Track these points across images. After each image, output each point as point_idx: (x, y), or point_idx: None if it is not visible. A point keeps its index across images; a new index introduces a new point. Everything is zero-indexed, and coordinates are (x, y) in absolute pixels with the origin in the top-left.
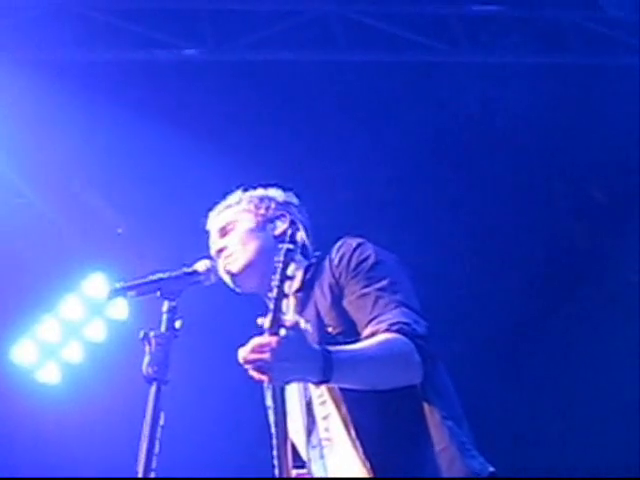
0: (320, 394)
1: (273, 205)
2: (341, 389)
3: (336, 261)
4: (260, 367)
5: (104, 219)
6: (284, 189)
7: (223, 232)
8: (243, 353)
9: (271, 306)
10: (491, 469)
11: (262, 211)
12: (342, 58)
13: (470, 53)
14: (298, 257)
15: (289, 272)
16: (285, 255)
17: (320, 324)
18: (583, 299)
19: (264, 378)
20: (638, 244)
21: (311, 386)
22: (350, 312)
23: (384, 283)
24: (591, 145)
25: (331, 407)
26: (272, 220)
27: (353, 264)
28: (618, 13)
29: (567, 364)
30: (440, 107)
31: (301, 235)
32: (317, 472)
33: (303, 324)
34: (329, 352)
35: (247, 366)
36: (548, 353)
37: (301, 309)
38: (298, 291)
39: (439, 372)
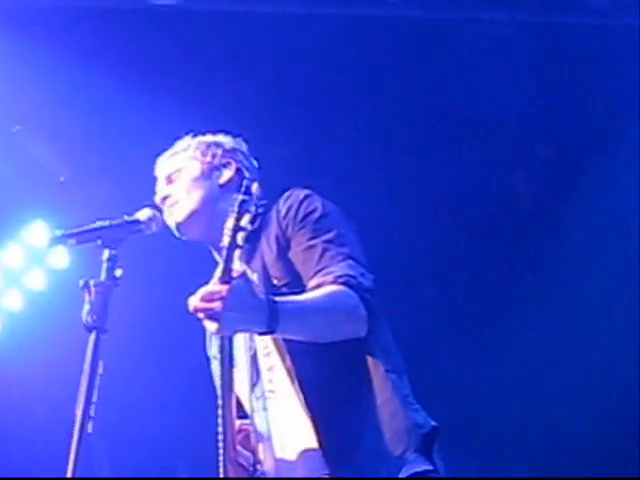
0: (265, 345)
1: (220, 152)
2: (286, 340)
3: (283, 212)
4: (210, 316)
5: (46, 167)
6: (234, 135)
7: (169, 180)
8: (193, 301)
9: (222, 256)
10: (433, 423)
11: (208, 158)
12: (323, 11)
13: (436, 9)
14: (252, 208)
15: (242, 223)
16: (239, 206)
17: (266, 275)
18: (530, 261)
19: (213, 327)
20: (585, 201)
21: (257, 337)
22: (296, 264)
23: (331, 235)
24: (562, 103)
25: (275, 358)
26: (218, 168)
27: (300, 215)
28: None
29: (512, 326)
30: (408, 64)
31: (256, 186)
32: (260, 424)
33: (250, 274)
34: (275, 302)
35: (198, 315)
36: (494, 315)
37: (247, 260)
38: (245, 241)
39: (383, 326)
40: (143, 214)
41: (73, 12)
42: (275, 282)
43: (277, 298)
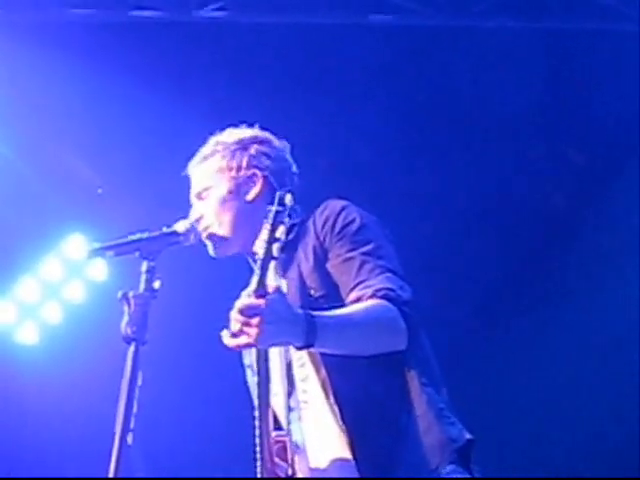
0: (300, 356)
1: (245, 160)
2: (321, 353)
3: (320, 223)
4: (247, 329)
5: (84, 179)
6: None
7: (199, 197)
8: (233, 315)
9: (258, 269)
10: (468, 436)
11: (234, 173)
12: (321, 21)
13: (452, 17)
14: (287, 220)
15: (277, 235)
16: (274, 218)
17: (302, 286)
18: (555, 264)
19: (250, 341)
20: (613, 206)
21: (291, 348)
22: (334, 276)
23: (369, 247)
24: (569, 109)
25: (310, 369)
26: (246, 183)
27: (338, 227)
28: None
29: (547, 329)
30: (421, 71)
31: (289, 197)
32: (295, 434)
33: (285, 288)
34: (312, 317)
35: (232, 328)
36: (526, 320)
37: (284, 270)
38: (281, 251)
39: (421, 338)
40: (181, 226)
41: (109, 26)
42: (312, 292)
43: (315, 312)
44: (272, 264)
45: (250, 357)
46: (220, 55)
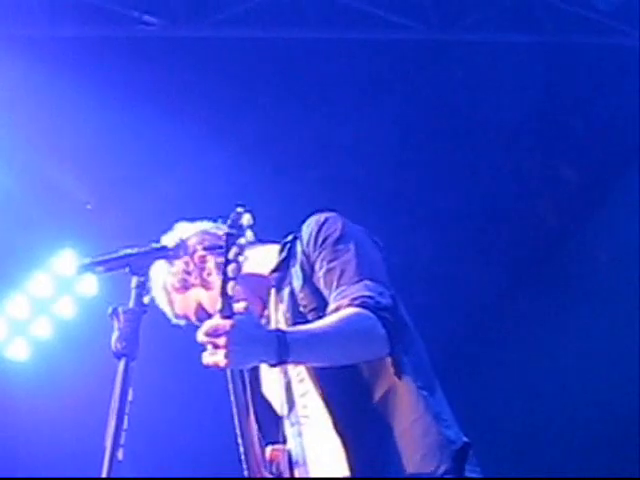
0: (298, 372)
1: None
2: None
3: (306, 238)
4: (214, 351)
5: (73, 195)
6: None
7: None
8: (199, 336)
9: (219, 290)
10: (465, 439)
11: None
12: (313, 35)
13: (443, 31)
14: (244, 240)
15: (230, 256)
16: (227, 240)
17: (294, 303)
18: (552, 278)
19: (219, 362)
20: (607, 223)
21: (289, 366)
22: (320, 288)
23: (348, 256)
24: (564, 124)
25: (309, 384)
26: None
27: (320, 239)
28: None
29: (535, 341)
30: (414, 86)
31: (247, 218)
32: (294, 449)
33: (282, 309)
34: (283, 333)
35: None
36: (516, 331)
37: (278, 288)
38: (275, 271)
39: (414, 343)
40: (170, 241)
41: (100, 41)
42: (302, 309)
43: (287, 329)
44: (231, 285)
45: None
46: (212, 70)
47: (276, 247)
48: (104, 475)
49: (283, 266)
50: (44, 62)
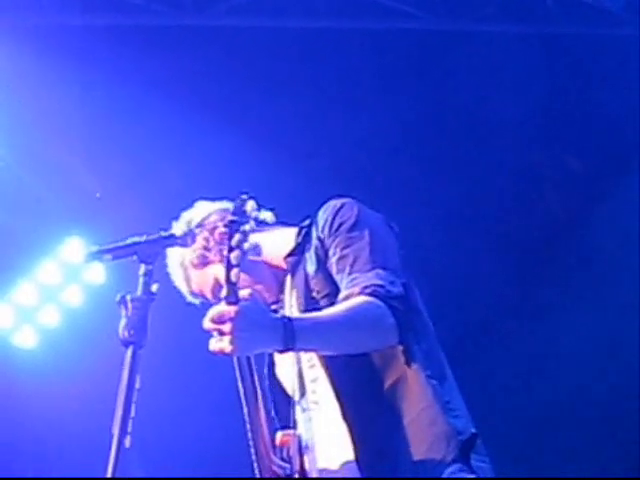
0: (309, 358)
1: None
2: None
3: (321, 224)
4: (220, 337)
5: (82, 183)
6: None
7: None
8: (205, 323)
9: (223, 277)
10: (473, 430)
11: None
12: (321, 25)
13: (451, 22)
14: (248, 227)
15: (233, 243)
16: (230, 227)
17: (307, 288)
18: (557, 269)
19: (225, 349)
20: (614, 211)
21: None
22: (332, 275)
23: (362, 243)
24: (570, 115)
25: (320, 371)
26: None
27: (335, 225)
28: None
29: (539, 331)
30: (420, 76)
31: (251, 205)
32: (304, 434)
33: (295, 295)
34: (290, 320)
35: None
36: (520, 321)
37: (292, 273)
38: (289, 256)
39: (425, 330)
40: (179, 229)
41: (109, 30)
42: (314, 295)
43: (295, 316)
44: (234, 271)
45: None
46: (221, 59)
47: (293, 231)
48: (111, 463)
49: (298, 251)
50: (53, 51)
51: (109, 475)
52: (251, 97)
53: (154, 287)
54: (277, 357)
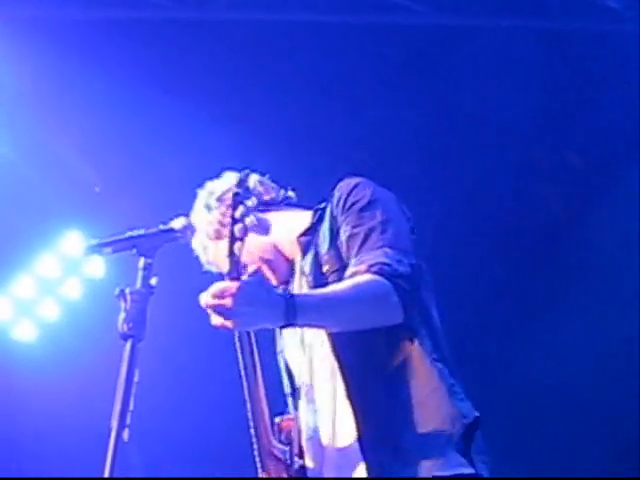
0: (320, 335)
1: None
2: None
3: (334, 201)
4: (221, 313)
5: (82, 177)
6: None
7: None
8: (204, 298)
9: (227, 251)
10: (476, 414)
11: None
12: (322, 19)
13: (453, 17)
14: (250, 202)
15: (237, 215)
16: (233, 199)
17: (317, 264)
18: (557, 266)
19: (227, 324)
20: (613, 211)
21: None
22: (342, 252)
23: (375, 222)
24: (571, 111)
25: (328, 349)
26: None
27: (349, 203)
28: None
29: (538, 329)
30: (422, 71)
31: (254, 180)
32: (305, 413)
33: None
34: (292, 296)
35: (209, 311)
36: (519, 318)
37: (304, 253)
38: (303, 235)
39: (431, 315)
40: (178, 223)
41: (109, 23)
42: (324, 271)
43: (297, 292)
44: (238, 245)
45: (281, 342)
46: (222, 54)
47: (309, 213)
48: (110, 456)
49: (312, 230)
50: (53, 44)
51: (107, 468)
52: (252, 91)
53: (153, 280)
54: (287, 333)
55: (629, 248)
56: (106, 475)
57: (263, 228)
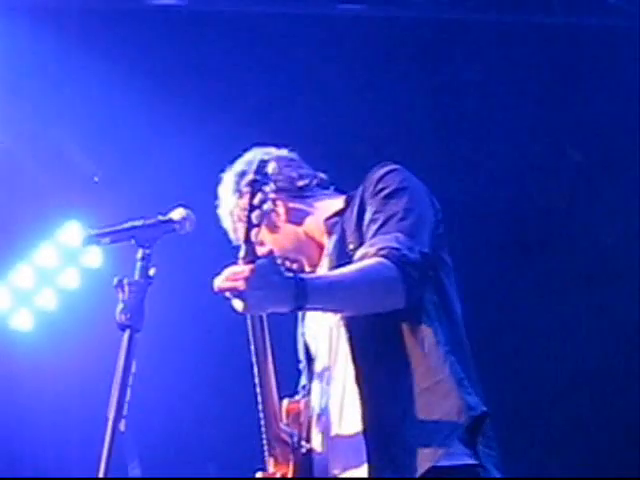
0: (339, 318)
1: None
2: (349, 316)
3: (366, 184)
4: (235, 295)
5: (80, 167)
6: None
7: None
8: (217, 281)
9: (243, 236)
10: (484, 408)
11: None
12: (319, 11)
13: (449, 10)
14: (269, 188)
15: (255, 202)
16: (252, 186)
17: (342, 242)
18: (556, 261)
19: (239, 306)
20: (613, 207)
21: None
22: (364, 234)
23: (396, 209)
24: (570, 106)
25: (343, 332)
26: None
27: (378, 188)
28: None
29: (537, 324)
30: (419, 63)
31: (272, 166)
32: (318, 397)
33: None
34: (302, 279)
35: (225, 294)
36: (517, 312)
37: (330, 235)
38: (329, 219)
39: (453, 308)
40: (177, 214)
41: (109, 13)
42: (350, 248)
43: (307, 275)
44: (255, 231)
45: (302, 325)
46: (217, 45)
47: (342, 198)
48: (106, 447)
49: (340, 213)
50: (53, 33)
51: (103, 459)
52: (248, 83)
53: (152, 271)
54: (310, 316)
55: (630, 246)
56: (102, 465)
57: (297, 217)
